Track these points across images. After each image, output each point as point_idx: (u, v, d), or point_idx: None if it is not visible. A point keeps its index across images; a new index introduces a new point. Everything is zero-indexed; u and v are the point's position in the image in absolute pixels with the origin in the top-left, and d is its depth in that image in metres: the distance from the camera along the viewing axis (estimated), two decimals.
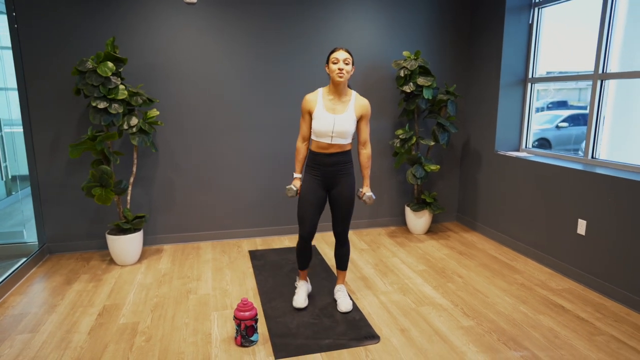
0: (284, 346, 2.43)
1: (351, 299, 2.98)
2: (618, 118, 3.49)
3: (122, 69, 3.35)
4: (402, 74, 3.97)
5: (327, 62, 2.58)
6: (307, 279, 3.04)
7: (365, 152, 2.77)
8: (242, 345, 2.41)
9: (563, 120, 9.21)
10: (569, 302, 2.92)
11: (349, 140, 2.66)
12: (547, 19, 3.87)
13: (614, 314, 2.76)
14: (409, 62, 3.94)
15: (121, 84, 3.32)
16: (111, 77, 3.27)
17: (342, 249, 2.85)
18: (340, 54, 2.52)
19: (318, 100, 2.62)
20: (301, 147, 2.76)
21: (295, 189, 2.75)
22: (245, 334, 2.39)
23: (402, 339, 2.50)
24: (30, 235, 4.03)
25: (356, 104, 2.64)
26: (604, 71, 3.28)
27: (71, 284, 3.23)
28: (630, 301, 2.83)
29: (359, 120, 2.70)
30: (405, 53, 3.98)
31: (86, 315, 2.77)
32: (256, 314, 2.42)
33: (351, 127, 2.61)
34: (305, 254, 2.82)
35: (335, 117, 2.58)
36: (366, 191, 2.79)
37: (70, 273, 3.44)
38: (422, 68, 4.01)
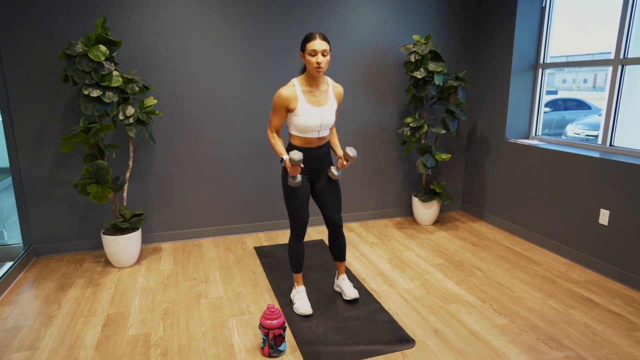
0: (315, 355, 2.25)
1: (374, 297, 2.82)
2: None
3: (115, 53, 3.03)
4: (412, 59, 3.78)
5: (303, 51, 2.35)
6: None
7: (333, 131, 2.72)
8: (270, 355, 2.22)
9: (545, 105, 9.28)
10: (596, 295, 2.86)
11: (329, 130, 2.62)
12: (560, 1, 3.74)
13: None
14: (420, 47, 3.76)
15: (115, 69, 3.01)
16: (104, 62, 2.95)
17: (339, 239, 2.74)
18: (318, 44, 2.30)
19: (297, 93, 2.40)
20: (274, 136, 2.50)
21: (297, 154, 2.31)
22: (273, 343, 2.20)
23: (437, 341, 2.37)
24: (11, 236, 3.69)
25: (334, 92, 2.54)
26: (625, 56, 3.19)
27: (66, 291, 2.95)
28: None
29: None
30: (416, 37, 3.79)
31: (89, 327, 2.51)
32: (284, 322, 2.23)
33: (334, 117, 2.54)
34: (300, 254, 2.66)
35: (322, 109, 2.45)
36: (346, 148, 2.51)
37: (63, 278, 3.14)
38: (433, 53, 3.83)
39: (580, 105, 9.18)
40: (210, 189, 3.84)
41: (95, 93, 2.91)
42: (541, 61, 3.90)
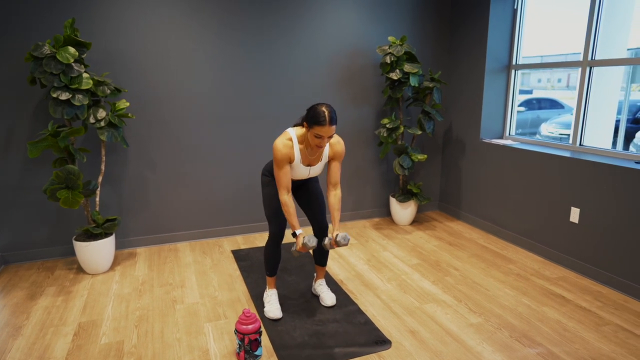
0: (292, 358, 2.24)
1: (352, 299, 2.83)
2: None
3: (85, 54, 2.95)
4: (387, 60, 3.80)
5: (309, 126, 2.24)
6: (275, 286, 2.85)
7: (336, 193, 2.51)
8: None
9: (519, 105, 9.48)
10: (567, 292, 2.92)
11: None
12: (531, 3, 3.82)
13: (613, 301, 2.79)
14: (395, 48, 3.78)
15: (85, 72, 2.94)
16: (73, 64, 2.87)
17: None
18: (327, 131, 2.21)
19: (295, 151, 2.37)
20: (289, 201, 2.38)
21: (313, 240, 2.33)
22: (249, 349, 2.18)
23: (413, 341, 2.38)
24: None
25: (331, 149, 2.48)
26: (593, 58, 3.27)
27: (36, 300, 2.86)
28: (626, 288, 2.86)
29: (331, 160, 2.51)
30: (391, 38, 3.81)
31: (59, 337, 2.44)
32: (260, 326, 2.21)
33: (323, 167, 2.59)
34: (276, 258, 2.64)
35: (311, 168, 2.49)
36: (339, 233, 2.42)
37: (33, 286, 3.05)
38: (408, 54, 3.86)
39: (553, 104, 9.40)
40: (186, 192, 3.79)
41: (64, 96, 2.84)
42: (514, 62, 3.98)
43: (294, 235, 2.39)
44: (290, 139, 2.37)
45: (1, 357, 2.26)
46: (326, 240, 2.47)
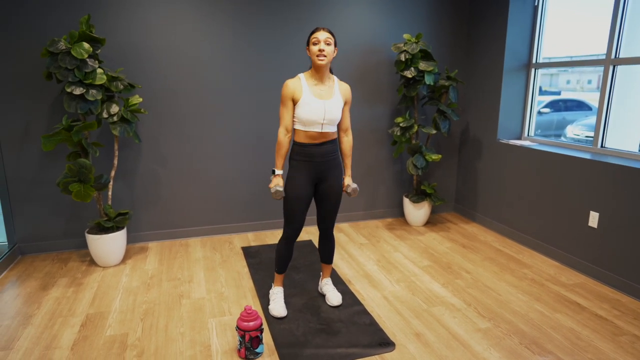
0: (293, 357, 2.21)
1: (358, 299, 2.78)
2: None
3: (99, 50, 3.00)
4: (402, 58, 3.74)
5: (308, 44, 2.41)
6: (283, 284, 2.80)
7: (348, 139, 2.62)
8: (246, 358, 2.19)
9: (544, 106, 9.21)
10: (583, 299, 2.81)
11: (336, 128, 2.54)
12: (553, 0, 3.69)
13: (633, 310, 2.66)
14: (410, 46, 3.72)
15: (99, 67, 2.98)
16: (87, 59, 2.92)
17: (328, 243, 2.72)
18: (321, 34, 2.35)
19: (302, 85, 2.41)
20: (284, 140, 2.46)
21: (282, 189, 2.45)
22: (250, 346, 2.17)
23: (418, 345, 2.33)
24: None
25: (340, 88, 2.51)
26: (617, 56, 3.14)
27: (48, 290, 2.92)
28: None
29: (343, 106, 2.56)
30: (406, 36, 3.75)
31: (67, 327, 2.48)
32: (261, 324, 2.20)
33: (340, 113, 2.49)
34: (287, 256, 2.61)
35: (325, 102, 2.41)
36: (350, 183, 2.60)
37: (46, 277, 3.12)
38: (423, 52, 3.79)
39: (580, 106, 9.10)
40: (198, 188, 3.81)
41: (78, 91, 2.88)
42: (534, 60, 3.85)
43: (273, 172, 2.49)
44: (299, 77, 2.45)
45: (10, 345, 2.31)
46: (349, 189, 2.56)
